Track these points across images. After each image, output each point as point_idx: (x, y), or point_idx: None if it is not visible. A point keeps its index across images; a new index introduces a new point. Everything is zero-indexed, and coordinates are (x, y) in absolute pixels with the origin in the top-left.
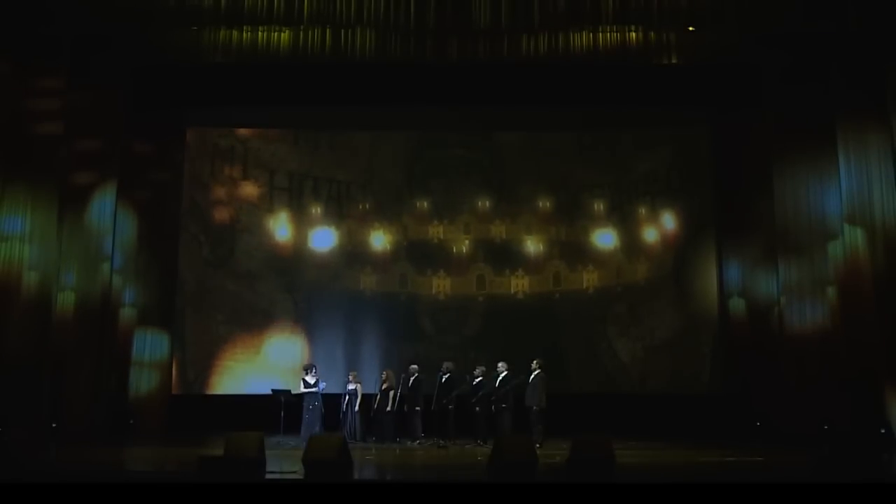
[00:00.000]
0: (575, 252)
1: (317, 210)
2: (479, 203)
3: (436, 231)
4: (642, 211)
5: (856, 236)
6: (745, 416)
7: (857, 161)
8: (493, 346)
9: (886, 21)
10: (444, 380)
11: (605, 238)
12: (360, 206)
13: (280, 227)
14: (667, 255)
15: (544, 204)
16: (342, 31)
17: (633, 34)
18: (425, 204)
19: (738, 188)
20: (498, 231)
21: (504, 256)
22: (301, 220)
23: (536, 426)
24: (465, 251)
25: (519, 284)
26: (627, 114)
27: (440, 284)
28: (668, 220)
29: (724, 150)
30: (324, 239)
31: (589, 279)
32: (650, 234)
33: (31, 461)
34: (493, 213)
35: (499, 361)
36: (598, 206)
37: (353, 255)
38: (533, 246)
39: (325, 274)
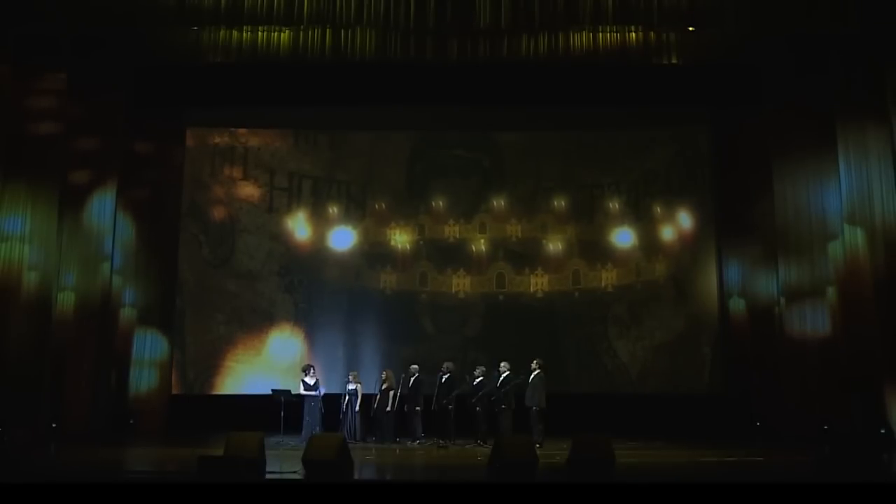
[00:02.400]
0: (592, 251)
1: (317, 210)
2: (482, 203)
3: (451, 230)
4: (642, 211)
5: (856, 236)
6: (745, 416)
7: (857, 161)
8: (494, 347)
9: (886, 21)
10: (444, 380)
11: (608, 238)
12: (377, 206)
13: (280, 227)
14: (666, 255)
15: (546, 204)
16: (342, 31)
17: (633, 34)
18: (430, 204)
19: (738, 188)
20: (514, 230)
21: (522, 256)
22: (301, 221)
23: (536, 426)
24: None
25: (538, 283)
26: (627, 114)
27: (460, 283)
28: (668, 220)
29: (724, 149)
30: (325, 239)
31: (607, 277)
32: (650, 234)
33: (31, 461)
34: (502, 213)
35: (500, 361)
36: (598, 207)
37: (356, 254)
38: (552, 245)
39: (327, 274)
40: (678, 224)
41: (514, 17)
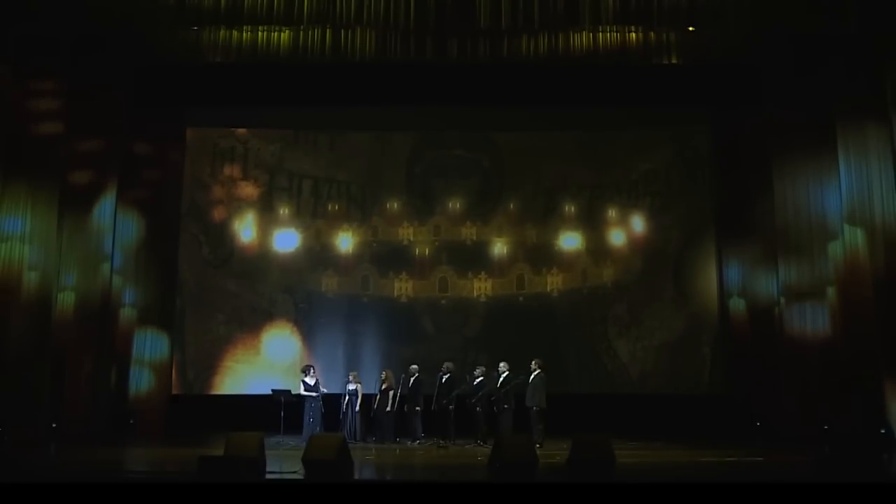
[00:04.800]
0: (545, 255)
1: (317, 210)
2: (474, 204)
3: (405, 233)
4: (642, 211)
5: (856, 236)
6: (745, 417)
7: (857, 161)
8: (494, 347)
9: (886, 21)
10: (444, 380)
11: (606, 238)
12: (331, 207)
13: (280, 227)
14: (666, 255)
15: (543, 204)
16: (342, 31)
17: (633, 34)
18: (423, 204)
19: (738, 188)
20: (469, 233)
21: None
22: (301, 220)
23: (536, 426)
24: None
25: (481, 287)
26: (627, 114)
27: (401, 287)
28: (668, 220)
29: (724, 150)
30: (326, 238)
31: (553, 281)
32: (651, 234)
33: (31, 461)
34: (466, 215)
35: (499, 362)
36: (597, 207)
37: (356, 254)
38: (498, 249)
39: (323, 274)
40: (677, 224)
41: (514, 18)
